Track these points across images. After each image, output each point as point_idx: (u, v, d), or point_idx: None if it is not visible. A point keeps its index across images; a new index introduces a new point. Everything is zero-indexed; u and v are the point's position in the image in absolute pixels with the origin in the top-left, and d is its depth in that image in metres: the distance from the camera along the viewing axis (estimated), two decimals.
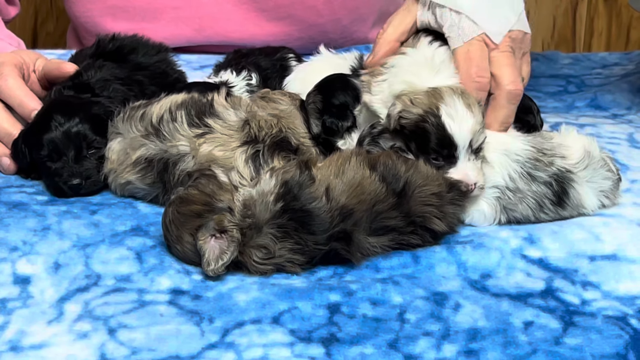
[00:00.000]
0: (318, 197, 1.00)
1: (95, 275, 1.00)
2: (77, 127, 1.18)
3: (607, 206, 1.13)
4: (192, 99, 1.18)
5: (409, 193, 1.03)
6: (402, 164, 1.05)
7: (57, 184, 1.18)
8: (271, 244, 0.99)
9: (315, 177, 1.02)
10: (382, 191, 1.02)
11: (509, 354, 0.88)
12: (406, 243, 1.03)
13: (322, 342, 0.89)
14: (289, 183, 1.01)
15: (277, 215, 0.99)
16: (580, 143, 1.14)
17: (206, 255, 0.98)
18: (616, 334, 0.91)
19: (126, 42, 1.39)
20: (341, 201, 1.00)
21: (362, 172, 1.03)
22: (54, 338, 0.90)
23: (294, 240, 0.99)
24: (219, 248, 0.98)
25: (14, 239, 1.06)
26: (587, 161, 1.12)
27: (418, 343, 0.90)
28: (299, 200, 1.00)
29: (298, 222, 0.99)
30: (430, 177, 1.05)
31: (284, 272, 1.00)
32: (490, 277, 1.01)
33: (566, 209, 1.11)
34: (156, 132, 1.14)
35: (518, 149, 1.11)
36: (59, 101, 1.25)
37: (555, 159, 1.11)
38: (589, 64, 1.75)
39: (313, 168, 1.03)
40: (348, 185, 1.01)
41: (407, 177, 1.03)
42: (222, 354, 0.88)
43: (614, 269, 1.02)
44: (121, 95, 1.29)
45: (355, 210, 1.00)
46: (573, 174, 1.10)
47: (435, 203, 1.04)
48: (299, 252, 0.99)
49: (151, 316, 0.93)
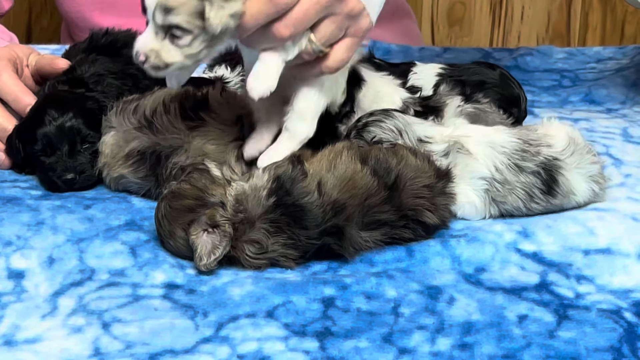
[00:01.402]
0: (310, 191, 1.00)
1: (89, 270, 1.00)
2: (71, 122, 1.18)
3: (597, 193, 1.13)
4: (187, 93, 1.17)
5: (400, 186, 1.03)
6: (393, 157, 1.05)
7: (51, 178, 1.18)
8: (264, 239, 0.99)
9: (307, 172, 1.02)
10: (373, 185, 1.02)
11: (503, 347, 0.88)
12: (398, 237, 1.03)
13: (316, 336, 0.89)
14: (281, 178, 1.01)
15: (269, 210, 0.99)
16: (564, 131, 1.14)
17: (198, 250, 0.98)
18: (610, 327, 0.92)
19: (120, 37, 1.39)
20: (333, 196, 1.00)
21: (353, 167, 1.03)
22: (48, 332, 0.89)
23: (287, 235, 0.99)
24: (212, 243, 0.98)
25: (8, 233, 1.05)
26: (573, 148, 1.12)
27: (412, 337, 0.90)
28: (291, 195, 1.00)
29: (291, 217, 0.99)
30: (421, 169, 1.05)
31: (278, 267, 1.00)
32: (485, 270, 1.01)
33: (557, 197, 1.11)
34: (149, 125, 1.14)
35: (503, 141, 1.11)
36: (52, 96, 1.25)
37: (541, 148, 1.11)
38: (584, 58, 1.75)
39: (305, 162, 1.03)
40: (340, 179, 1.01)
41: (398, 170, 1.03)
42: (216, 348, 0.88)
43: (608, 262, 1.02)
44: (115, 90, 1.29)
45: (348, 205, 1.00)
46: (560, 161, 1.11)
47: (426, 195, 1.04)
48: (292, 247, 0.99)
49: (145, 310, 0.93)
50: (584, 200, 1.12)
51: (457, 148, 1.10)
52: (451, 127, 1.14)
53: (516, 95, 1.27)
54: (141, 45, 1.02)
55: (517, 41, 2.70)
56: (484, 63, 1.35)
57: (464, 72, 1.32)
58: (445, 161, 1.09)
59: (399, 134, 1.11)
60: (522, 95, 1.29)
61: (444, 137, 1.11)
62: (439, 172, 1.07)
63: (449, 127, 1.14)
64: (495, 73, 1.31)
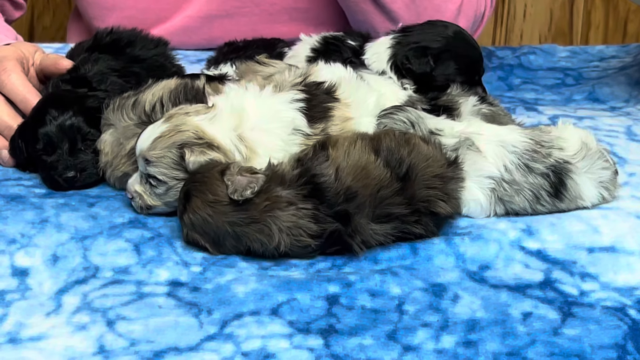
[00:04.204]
0: (328, 174, 1.01)
1: (93, 267, 1.00)
2: (71, 120, 1.18)
3: (606, 199, 1.13)
4: (186, 86, 1.17)
5: (412, 177, 1.03)
6: (405, 145, 1.05)
7: (52, 177, 1.18)
8: (294, 200, 1.00)
9: (330, 156, 1.03)
10: (386, 177, 1.02)
11: (508, 344, 0.88)
12: (409, 232, 1.03)
13: (320, 334, 0.89)
14: (302, 159, 1.03)
15: (294, 179, 1.01)
16: (577, 135, 1.14)
17: (233, 186, 0.99)
18: (615, 324, 0.92)
19: (124, 35, 1.38)
20: (347, 182, 1.01)
21: (367, 157, 1.03)
22: (52, 330, 0.90)
23: (310, 204, 1.00)
24: (247, 180, 0.99)
25: (12, 231, 1.05)
26: (585, 152, 1.12)
27: (417, 334, 0.90)
28: (311, 172, 1.01)
29: (313, 190, 1.00)
30: (432, 157, 1.05)
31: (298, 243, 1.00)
32: (489, 268, 1.01)
33: (564, 200, 1.10)
34: (149, 120, 1.14)
35: (515, 140, 1.11)
36: (53, 95, 1.25)
37: (553, 150, 1.11)
38: (587, 56, 1.75)
39: (330, 147, 1.04)
40: (353, 167, 1.02)
41: (410, 161, 1.04)
42: (220, 345, 0.88)
43: (612, 260, 1.02)
44: (119, 88, 1.29)
45: (359, 194, 1.00)
46: (571, 165, 1.10)
47: (438, 185, 1.04)
48: (313, 219, 1.00)
49: (150, 308, 0.93)
50: (591, 206, 1.12)
51: (468, 145, 1.10)
52: (464, 123, 1.14)
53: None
54: (130, 185, 1.11)
55: (519, 39, 2.70)
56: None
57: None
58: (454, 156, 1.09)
59: (411, 126, 1.11)
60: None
61: (455, 132, 1.11)
62: (448, 160, 1.07)
63: (461, 123, 1.14)
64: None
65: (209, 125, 1.07)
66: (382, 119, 1.13)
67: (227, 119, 1.08)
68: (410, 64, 1.26)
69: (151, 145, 1.07)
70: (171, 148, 1.06)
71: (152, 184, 1.08)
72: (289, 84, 1.14)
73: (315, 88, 1.13)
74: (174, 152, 1.06)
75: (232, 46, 1.46)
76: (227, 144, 1.06)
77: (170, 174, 1.07)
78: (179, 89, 1.17)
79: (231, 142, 1.06)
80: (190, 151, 1.04)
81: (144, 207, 1.10)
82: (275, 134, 1.09)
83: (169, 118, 1.08)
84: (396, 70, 1.27)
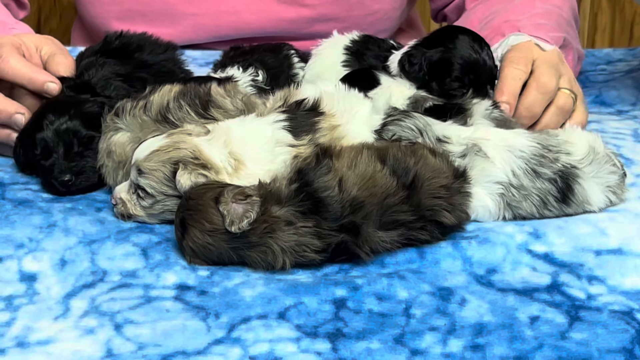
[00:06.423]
0: (331, 187, 1.00)
1: (101, 272, 1.00)
2: (67, 124, 1.19)
3: (614, 202, 1.13)
4: (194, 89, 1.17)
5: (418, 186, 1.03)
6: (411, 156, 1.05)
7: (49, 181, 1.18)
8: (292, 219, 0.99)
9: (332, 167, 1.02)
10: (392, 185, 1.02)
11: (515, 348, 0.88)
12: (415, 239, 1.03)
13: (328, 337, 0.90)
14: (302, 170, 1.02)
15: (292, 195, 1.00)
16: (585, 139, 1.14)
17: (229, 217, 0.98)
18: (622, 328, 0.91)
19: (133, 40, 1.39)
20: (352, 193, 1.00)
21: (373, 166, 1.03)
22: (60, 334, 0.90)
23: (311, 222, 0.99)
24: (242, 208, 0.98)
25: (20, 236, 1.06)
26: (592, 157, 1.12)
27: (424, 338, 0.90)
28: (311, 186, 1.00)
29: (313, 206, 1.00)
30: (439, 170, 1.05)
31: (301, 259, 0.99)
32: (496, 272, 1.01)
33: (571, 205, 1.10)
34: (165, 119, 1.14)
35: (522, 145, 1.10)
36: (52, 101, 1.25)
37: (560, 155, 1.11)
38: (593, 60, 1.74)
39: (333, 158, 1.04)
40: (360, 177, 1.02)
41: (417, 170, 1.03)
42: (228, 349, 0.88)
43: (620, 263, 1.02)
44: (123, 93, 1.29)
45: (366, 203, 1.00)
46: (578, 170, 1.10)
47: (444, 195, 1.04)
48: (316, 236, 0.99)
49: (157, 312, 0.93)
50: (598, 210, 1.12)
51: (476, 151, 1.09)
52: (471, 129, 1.13)
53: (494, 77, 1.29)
54: (117, 191, 1.11)
55: None
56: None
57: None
58: (462, 163, 1.09)
59: (419, 133, 1.11)
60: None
61: (462, 139, 1.11)
62: (456, 172, 1.07)
63: (469, 129, 1.14)
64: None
65: (207, 145, 1.07)
66: (389, 125, 1.13)
67: (218, 139, 1.08)
68: (407, 66, 1.27)
69: (147, 157, 1.07)
70: (166, 163, 1.06)
71: (140, 195, 1.08)
72: (271, 110, 1.14)
73: (296, 107, 1.13)
74: (167, 167, 1.06)
75: (239, 50, 1.46)
76: (221, 161, 1.06)
77: (160, 189, 1.07)
78: (184, 92, 1.17)
79: (224, 159, 1.07)
80: (184, 169, 1.04)
81: (125, 215, 1.10)
82: (261, 148, 1.09)
83: (170, 134, 1.08)
84: (402, 71, 1.28)
